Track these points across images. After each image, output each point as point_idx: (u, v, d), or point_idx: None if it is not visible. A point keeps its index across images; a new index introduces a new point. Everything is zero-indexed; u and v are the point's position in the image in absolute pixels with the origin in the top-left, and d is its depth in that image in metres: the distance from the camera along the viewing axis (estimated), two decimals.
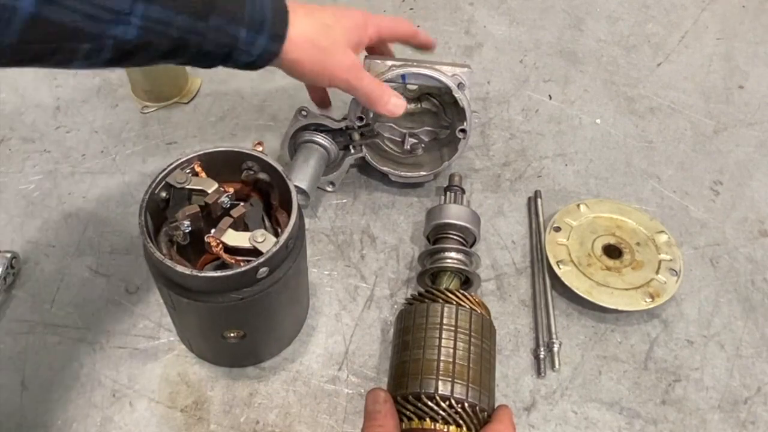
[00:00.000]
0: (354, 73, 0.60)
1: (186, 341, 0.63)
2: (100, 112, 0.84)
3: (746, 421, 0.61)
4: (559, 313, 0.67)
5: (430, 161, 0.75)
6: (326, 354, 0.64)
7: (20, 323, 0.64)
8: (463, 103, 0.68)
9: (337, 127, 0.71)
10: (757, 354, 0.66)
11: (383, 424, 0.49)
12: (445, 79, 0.67)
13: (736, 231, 0.76)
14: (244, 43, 0.52)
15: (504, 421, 0.50)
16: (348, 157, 0.73)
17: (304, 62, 0.57)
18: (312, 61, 0.57)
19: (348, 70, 0.60)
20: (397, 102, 0.63)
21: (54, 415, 0.59)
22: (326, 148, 0.72)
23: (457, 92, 0.67)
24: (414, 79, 0.68)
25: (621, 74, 0.93)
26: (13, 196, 0.74)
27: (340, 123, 0.71)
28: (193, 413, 0.60)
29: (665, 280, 0.67)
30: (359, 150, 0.73)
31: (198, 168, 0.56)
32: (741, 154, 0.84)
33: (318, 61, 0.58)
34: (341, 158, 0.74)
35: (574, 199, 0.76)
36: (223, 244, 0.52)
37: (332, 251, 0.72)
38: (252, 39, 0.52)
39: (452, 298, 0.57)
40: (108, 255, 0.70)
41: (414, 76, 0.68)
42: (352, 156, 0.73)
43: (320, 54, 0.58)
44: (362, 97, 0.62)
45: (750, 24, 1.03)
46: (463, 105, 0.68)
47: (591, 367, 0.64)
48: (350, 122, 0.70)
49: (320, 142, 0.71)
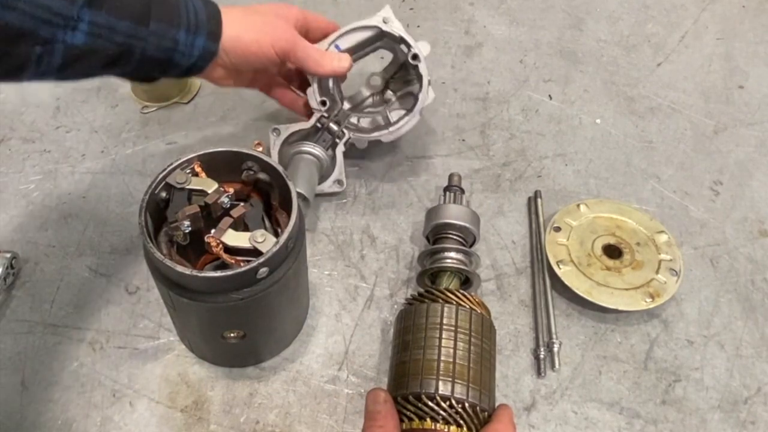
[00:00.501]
0: (292, 36, 0.62)
1: (186, 341, 0.63)
2: (100, 112, 0.84)
3: (746, 421, 0.61)
4: (559, 313, 0.67)
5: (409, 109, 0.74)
6: (326, 354, 0.64)
7: (20, 323, 0.64)
8: (397, 32, 0.69)
9: (311, 125, 0.72)
10: (757, 354, 0.66)
11: (383, 424, 0.49)
12: (369, 22, 0.69)
13: (736, 231, 0.76)
14: (184, 44, 0.55)
15: (504, 421, 0.50)
16: (338, 149, 0.73)
17: (243, 36, 0.59)
18: (250, 31, 0.60)
19: (286, 31, 0.62)
20: (341, 57, 0.66)
21: (54, 415, 0.59)
22: (310, 152, 0.71)
23: (386, 26, 0.69)
24: (345, 40, 0.70)
25: (621, 74, 0.93)
26: (13, 196, 0.75)
27: (311, 120, 0.72)
28: (193, 413, 0.60)
29: (665, 280, 0.67)
30: (343, 135, 0.72)
31: (198, 168, 0.56)
32: (741, 154, 0.85)
33: (257, 30, 0.60)
34: (333, 155, 0.73)
35: (574, 199, 0.76)
36: (223, 244, 0.52)
37: (332, 251, 0.72)
38: (191, 40, 0.55)
39: (452, 298, 0.57)
40: (108, 255, 0.70)
41: (345, 37, 0.70)
42: (341, 144, 0.72)
43: (257, 23, 0.60)
44: (305, 60, 0.64)
45: (750, 24, 1.03)
46: (398, 33, 0.69)
47: (591, 367, 0.64)
48: (319, 113, 0.71)
49: (303, 149, 0.71)
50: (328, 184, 0.73)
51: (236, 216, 0.54)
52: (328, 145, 0.72)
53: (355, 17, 0.71)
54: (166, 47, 0.54)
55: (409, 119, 0.72)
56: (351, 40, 0.70)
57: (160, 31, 0.53)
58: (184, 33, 0.55)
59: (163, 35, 0.53)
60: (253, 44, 0.60)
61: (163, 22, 0.53)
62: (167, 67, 0.56)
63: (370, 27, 0.70)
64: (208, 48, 0.57)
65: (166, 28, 0.53)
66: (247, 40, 0.59)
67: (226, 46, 0.58)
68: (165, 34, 0.53)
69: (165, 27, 0.53)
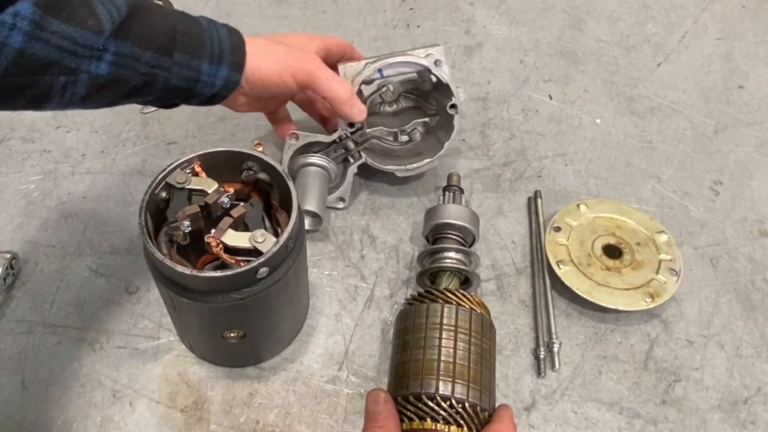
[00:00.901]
0: (317, 65, 0.61)
1: (186, 341, 0.63)
2: (100, 112, 0.84)
3: (746, 421, 0.61)
4: (559, 313, 0.67)
5: (429, 148, 0.74)
6: (326, 354, 0.64)
7: (20, 323, 0.64)
8: (445, 78, 0.67)
9: (330, 140, 0.70)
10: (757, 354, 0.66)
11: (384, 425, 0.49)
12: (420, 60, 0.67)
13: (736, 231, 0.76)
14: (207, 75, 0.55)
15: (505, 421, 0.50)
16: (350, 168, 0.72)
17: (264, 67, 0.58)
18: (272, 62, 0.59)
19: (306, 62, 0.61)
20: (360, 109, 0.65)
21: (54, 415, 0.59)
22: (324, 167, 0.71)
23: (437, 70, 0.67)
24: (391, 70, 0.68)
25: (621, 74, 0.93)
26: (13, 196, 0.75)
27: (332, 135, 0.70)
28: (193, 413, 0.60)
29: (665, 280, 0.67)
30: (358, 157, 0.72)
31: (198, 168, 0.56)
32: (741, 154, 0.85)
33: (278, 61, 0.59)
34: (343, 171, 0.73)
35: (574, 199, 0.76)
36: (223, 244, 0.52)
37: (332, 251, 0.72)
38: (214, 71, 0.55)
39: (452, 298, 0.57)
40: (108, 255, 0.70)
41: (390, 67, 0.68)
42: (353, 165, 0.72)
43: (279, 54, 0.60)
44: (328, 93, 0.62)
45: (750, 24, 1.03)
46: (446, 80, 0.68)
47: (591, 367, 0.64)
48: (342, 131, 0.69)
49: (316, 162, 0.71)
50: (330, 199, 0.73)
51: (236, 216, 0.54)
52: (340, 160, 0.72)
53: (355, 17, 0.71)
54: (189, 77, 0.54)
55: (429, 162, 0.73)
56: (395, 71, 0.69)
57: (184, 62, 0.53)
58: (208, 63, 0.54)
59: (186, 65, 0.53)
60: (274, 75, 0.59)
61: (187, 52, 0.53)
62: (189, 96, 0.56)
63: (419, 65, 0.68)
64: (231, 78, 0.57)
65: (189, 59, 0.53)
66: (268, 72, 0.59)
67: (248, 77, 0.58)
68: (189, 64, 0.53)
69: (189, 58, 0.53)
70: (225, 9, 0.98)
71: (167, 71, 0.52)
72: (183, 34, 0.52)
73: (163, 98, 0.55)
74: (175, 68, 0.52)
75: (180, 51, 0.52)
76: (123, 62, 0.49)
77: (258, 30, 0.95)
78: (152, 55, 0.51)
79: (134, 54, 0.50)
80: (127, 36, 0.49)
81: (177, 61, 0.52)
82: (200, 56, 0.54)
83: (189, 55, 0.53)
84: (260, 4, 0.99)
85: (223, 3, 0.99)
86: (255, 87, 0.59)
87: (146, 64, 0.51)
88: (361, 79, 0.68)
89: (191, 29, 0.53)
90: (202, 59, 0.54)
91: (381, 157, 0.74)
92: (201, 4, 0.98)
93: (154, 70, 0.51)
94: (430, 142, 0.74)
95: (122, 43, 0.49)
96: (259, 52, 0.58)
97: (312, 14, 0.98)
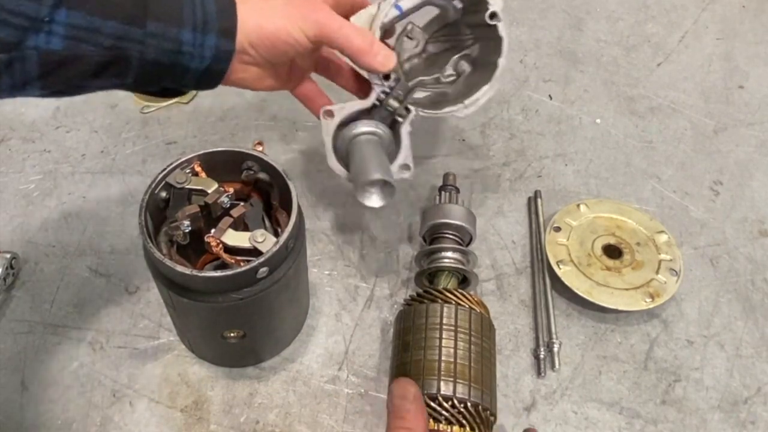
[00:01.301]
0: (326, 14, 0.52)
1: (186, 341, 0.63)
2: (100, 112, 0.84)
3: (746, 421, 0.61)
4: (559, 313, 0.67)
5: (482, 77, 0.63)
6: (326, 354, 0.64)
7: (20, 323, 0.64)
8: None
9: (370, 104, 0.60)
10: (757, 354, 0.66)
11: (413, 427, 0.46)
12: None
13: (736, 231, 0.76)
14: (191, 45, 0.48)
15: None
16: (402, 128, 0.61)
17: (265, 25, 0.51)
18: (273, 17, 0.51)
19: (315, 10, 0.52)
20: (387, 53, 0.55)
21: (54, 415, 0.59)
22: (373, 132, 0.60)
23: None
24: (409, 1, 0.58)
25: (621, 74, 0.93)
26: (13, 196, 0.75)
27: (369, 98, 0.60)
28: (193, 413, 0.60)
29: (665, 280, 0.67)
30: (406, 113, 0.61)
31: (198, 168, 0.56)
32: (741, 154, 0.85)
33: (279, 14, 0.51)
34: (395, 136, 0.62)
35: (574, 199, 0.76)
36: (223, 244, 0.52)
37: (332, 251, 0.72)
38: (200, 40, 0.48)
39: (451, 297, 0.57)
40: (108, 255, 0.70)
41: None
42: (405, 123, 0.61)
43: (279, 6, 0.52)
44: (344, 43, 0.53)
45: (750, 24, 1.03)
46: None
47: (591, 367, 0.64)
48: (379, 89, 0.59)
49: (364, 130, 0.60)
50: (393, 170, 0.62)
51: (236, 216, 0.54)
52: (388, 123, 0.61)
53: None
54: (169, 49, 0.47)
55: (487, 89, 0.62)
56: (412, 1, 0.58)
57: (159, 32, 0.46)
58: (190, 32, 0.48)
59: (163, 36, 0.46)
60: (281, 32, 0.51)
61: (163, 21, 0.46)
62: (176, 73, 0.49)
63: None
64: (221, 47, 0.49)
65: (166, 28, 0.46)
66: (271, 28, 0.51)
67: (251, 40, 0.50)
68: (165, 34, 0.47)
69: (165, 26, 0.46)
70: None
71: (141, 44, 0.46)
72: (156, 1, 0.46)
73: (144, 79, 0.49)
74: (149, 40, 0.46)
75: (153, 19, 0.46)
76: (79, 35, 0.43)
77: None
78: (117, 25, 0.44)
79: (93, 25, 0.44)
80: (82, 4, 0.43)
81: (151, 32, 0.46)
82: (179, 24, 0.47)
83: (165, 24, 0.46)
84: None
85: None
86: (261, 49, 0.52)
87: (110, 37, 0.44)
88: (379, 23, 0.58)
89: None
90: (182, 27, 0.47)
91: (432, 105, 0.63)
92: None
93: (122, 43, 0.45)
94: (481, 71, 0.64)
95: (75, 12, 0.43)
96: (256, 8, 0.51)
97: None
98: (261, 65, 0.54)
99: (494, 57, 0.61)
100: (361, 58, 0.54)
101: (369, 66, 0.55)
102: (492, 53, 0.61)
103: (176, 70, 0.49)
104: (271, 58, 0.53)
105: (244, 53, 0.51)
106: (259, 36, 0.51)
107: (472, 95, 0.62)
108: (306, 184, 0.77)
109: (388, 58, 0.55)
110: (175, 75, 0.50)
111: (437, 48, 0.66)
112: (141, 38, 0.46)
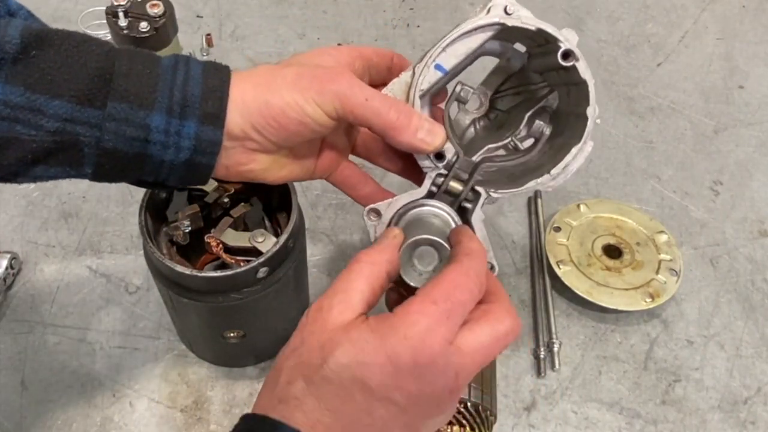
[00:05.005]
0: (347, 83, 0.41)
1: (186, 341, 0.63)
2: None
3: (746, 421, 0.61)
4: (559, 313, 0.67)
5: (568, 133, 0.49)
6: None
7: (20, 323, 0.64)
8: (532, 23, 0.45)
9: (425, 193, 0.47)
10: (757, 354, 0.66)
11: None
12: (483, 20, 0.45)
13: (736, 231, 0.76)
14: (162, 132, 0.39)
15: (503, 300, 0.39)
16: (474, 216, 0.47)
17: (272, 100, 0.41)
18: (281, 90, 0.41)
19: (336, 77, 0.41)
20: (430, 128, 0.43)
21: (54, 415, 0.59)
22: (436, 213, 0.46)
23: (511, 19, 0.45)
24: (452, 57, 0.45)
25: (621, 74, 0.93)
26: (13, 196, 0.74)
27: (424, 186, 0.47)
28: (193, 413, 0.60)
29: (665, 280, 0.67)
30: (476, 195, 0.47)
31: None
32: (741, 154, 0.85)
33: (290, 86, 0.41)
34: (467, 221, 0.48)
35: (574, 199, 0.76)
36: (223, 244, 0.52)
37: (332, 251, 0.72)
38: (175, 127, 0.39)
39: None
40: (108, 255, 0.70)
41: (448, 52, 0.45)
42: (477, 208, 0.47)
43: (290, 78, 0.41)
44: (373, 121, 0.42)
45: (750, 24, 1.03)
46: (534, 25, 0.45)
47: (591, 367, 0.64)
48: (433, 172, 0.46)
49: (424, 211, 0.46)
50: None
51: (236, 216, 0.54)
52: (456, 207, 0.47)
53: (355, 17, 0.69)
54: (132, 136, 0.39)
55: (577, 152, 0.47)
56: (458, 54, 0.45)
57: (121, 115, 0.38)
58: (162, 117, 0.39)
59: (125, 120, 0.38)
60: (291, 108, 0.40)
61: (127, 101, 0.38)
62: (146, 166, 0.40)
63: (487, 26, 0.45)
64: (203, 136, 0.40)
65: (130, 110, 0.38)
66: (280, 105, 0.40)
67: (255, 122, 0.41)
68: (129, 118, 0.38)
69: (129, 108, 0.38)
70: (225, 9, 0.98)
71: (96, 128, 0.38)
72: (123, 77, 0.38)
73: (110, 170, 0.40)
74: (108, 124, 0.38)
75: (116, 99, 0.38)
76: (13, 115, 0.37)
77: (258, 30, 0.95)
78: (65, 105, 0.37)
79: (33, 104, 0.37)
80: (20, 79, 0.36)
81: (111, 115, 0.38)
82: (149, 106, 0.38)
83: (130, 105, 0.38)
84: (260, 4, 0.99)
85: (223, 3, 0.99)
86: (268, 132, 0.41)
87: (55, 119, 0.37)
88: (418, 91, 0.45)
89: (138, 69, 0.39)
90: (152, 110, 0.38)
91: (508, 181, 0.49)
92: (201, 5, 0.98)
93: (71, 126, 0.38)
94: (565, 127, 0.50)
95: (11, 88, 0.36)
96: (262, 83, 0.41)
97: (312, 14, 0.98)
98: (272, 152, 0.43)
99: (579, 107, 0.48)
100: (398, 136, 0.43)
101: (409, 146, 0.43)
102: (575, 103, 0.49)
103: (145, 162, 0.40)
104: (282, 142, 0.42)
105: (248, 139, 0.41)
106: (263, 116, 0.41)
107: (559, 160, 0.47)
108: (306, 184, 0.77)
109: (433, 134, 0.43)
110: (145, 168, 0.41)
111: (505, 105, 0.52)
112: (97, 122, 0.38)
